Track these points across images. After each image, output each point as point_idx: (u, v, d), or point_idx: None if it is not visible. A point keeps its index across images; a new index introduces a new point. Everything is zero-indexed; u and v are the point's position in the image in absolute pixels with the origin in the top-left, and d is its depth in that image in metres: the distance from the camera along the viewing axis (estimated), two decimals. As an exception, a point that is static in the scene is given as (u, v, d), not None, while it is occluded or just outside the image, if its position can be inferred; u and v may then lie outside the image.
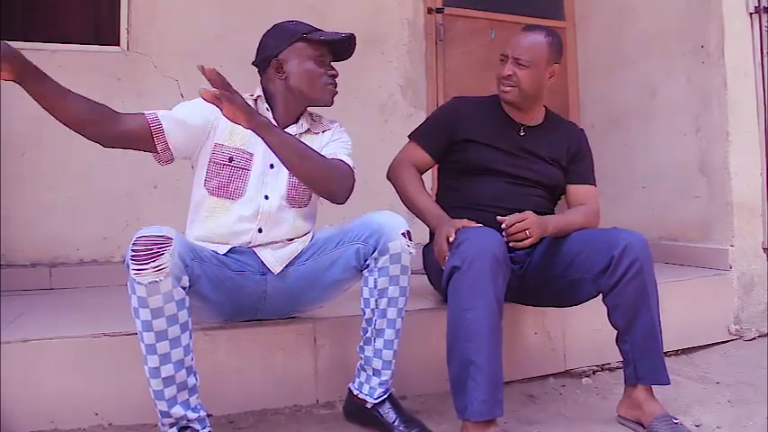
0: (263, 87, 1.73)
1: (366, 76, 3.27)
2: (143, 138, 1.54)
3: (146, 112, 1.56)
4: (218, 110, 1.44)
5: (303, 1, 3.04)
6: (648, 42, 3.06)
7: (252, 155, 1.66)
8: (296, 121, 1.73)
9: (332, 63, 1.73)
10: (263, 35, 1.73)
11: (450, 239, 1.63)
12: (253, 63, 1.75)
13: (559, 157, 1.99)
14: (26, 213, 2.71)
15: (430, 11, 3.45)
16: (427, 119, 2.11)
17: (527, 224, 1.70)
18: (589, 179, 2.03)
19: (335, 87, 1.73)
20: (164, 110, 1.59)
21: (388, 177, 2.00)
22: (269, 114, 1.69)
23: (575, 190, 2.01)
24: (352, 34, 1.71)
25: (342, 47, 1.73)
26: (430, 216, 1.84)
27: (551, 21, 3.68)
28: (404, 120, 3.31)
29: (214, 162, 1.64)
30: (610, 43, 3.40)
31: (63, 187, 2.76)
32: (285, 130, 1.68)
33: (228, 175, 1.64)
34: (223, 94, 1.37)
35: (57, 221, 2.75)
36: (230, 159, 1.64)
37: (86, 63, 2.83)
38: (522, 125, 1.99)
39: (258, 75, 1.75)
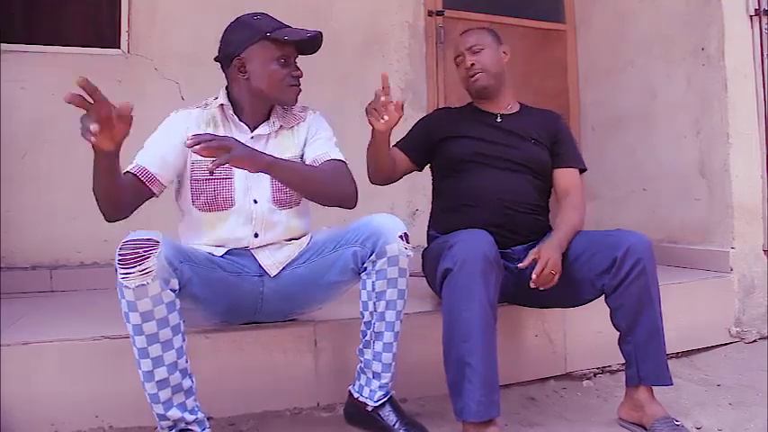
0: (227, 85, 1.70)
1: (366, 78, 3.26)
2: (140, 194, 1.56)
3: (130, 167, 1.55)
4: (188, 128, 1.58)
5: (303, 3, 3.05)
6: (649, 45, 3.06)
7: None
8: (267, 118, 1.71)
9: (309, 55, 1.70)
10: (226, 29, 1.67)
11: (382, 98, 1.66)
12: (215, 59, 1.70)
13: (542, 138, 2.01)
14: (27, 216, 2.71)
15: (430, 13, 3.45)
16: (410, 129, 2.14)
17: (551, 266, 1.67)
18: (573, 161, 2.04)
19: (299, 86, 1.68)
20: (141, 152, 1.59)
21: (370, 178, 1.97)
22: (234, 119, 1.68)
23: (560, 174, 2.02)
24: (318, 33, 1.65)
25: (307, 43, 1.67)
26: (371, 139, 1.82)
27: (551, 23, 3.69)
28: (404, 122, 3.27)
29: (195, 179, 1.64)
30: (610, 46, 3.40)
31: (63, 189, 2.76)
32: (256, 129, 1.68)
33: (214, 189, 1.64)
34: (227, 151, 1.39)
35: (57, 224, 2.76)
36: (211, 173, 1.62)
37: (87, 65, 2.83)
38: (498, 113, 2.04)
39: (222, 71, 1.71)
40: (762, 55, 2.65)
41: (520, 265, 1.72)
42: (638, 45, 3.14)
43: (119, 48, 2.91)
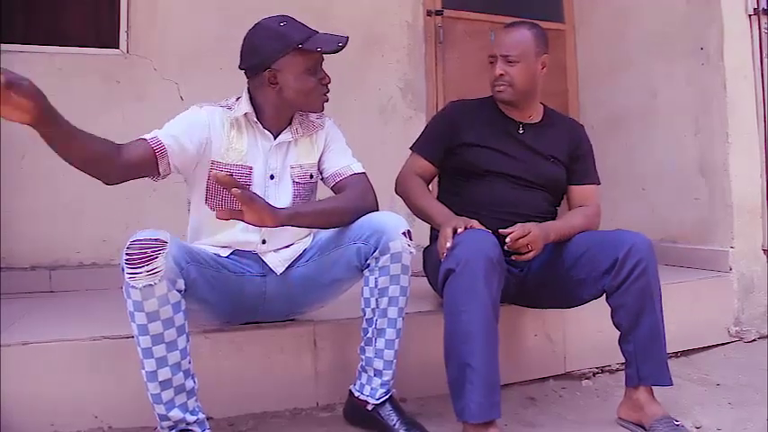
0: (249, 92, 1.66)
1: (366, 78, 3.27)
2: (147, 163, 1.49)
3: (145, 136, 1.51)
4: (211, 132, 1.56)
5: (303, 3, 3.04)
6: (648, 44, 3.06)
7: (251, 168, 1.63)
8: (289, 124, 1.70)
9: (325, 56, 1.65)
10: (250, 36, 1.62)
11: (460, 230, 1.60)
12: (240, 67, 1.65)
13: (561, 155, 1.98)
14: (26, 216, 2.71)
15: (429, 13, 3.45)
16: (425, 128, 2.09)
17: (530, 239, 1.68)
18: (591, 178, 2.02)
19: (328, 93, 1.68)
20: (158, 130, 1.54)
21: (396, 192, 1.99)
22: (258, 126, 1.64)
23: (576, 190, 2.00)
24: (346, 39, 1.62)
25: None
26: (438, 215, 1.81)
27: (551, 23, 3.68)
28: (403, 122, 3.31)
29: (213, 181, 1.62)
30: (609, 45, 3.40)
31: (63, 190, 2.76)
32: (279, 135, 1.67)
33: (232, 195, 1.62)
34: (244, 198, 1.38)
35: (57, 224, 2.75)
36: (230, 176, 1.61)
37: (86, 65, 2.83)
38: (521, 123, 1.98)
39: (246, 77, 1.66)
40: (761, 54, 2.65)
41: (501, 231, 1.68)
42: (638, 45, 3.14)
43: (118, 47, 2.90)
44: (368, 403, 1.64)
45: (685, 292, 2.44)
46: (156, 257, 1.31)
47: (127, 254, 1.32)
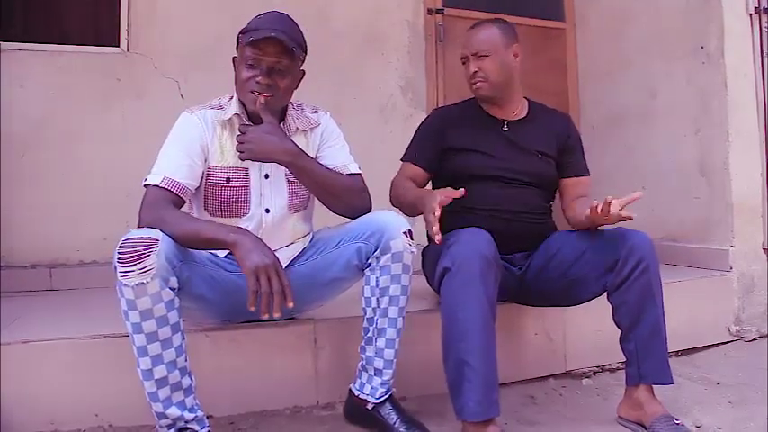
0: None
1: (366, 76, 3.27)
2: (175, 206, 1.51)
3: (158, 180, 1.50)
4: (206, 138, 1.58)
5: (303, 2, 3.04)
6: (648, 43, 3.06)
7: (247, 169, 1.63)
8: (282, 121, 1.66)
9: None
10: None
11: (436, 214, 1.57)
12: None
13: (549, 149, 1.96)
14: (26, 214, 2.71)
15: (430, 12, 3.45)
16: (412, 138, 2.06)
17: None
18: (583, 170, 2.01)
19: (264, 95, 1.55)
20: (164, 161, 1.54)
21: (393, 205, 1.95)
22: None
23: (570, 183, 1.99)
24: (271, 36, 1.51)
25: (280, 47, 1.54)
26: (417, 200, 1.76)
27: (551, 21, 3.69)
28: (404, 121, 3.31)
29: (210, 185, 1.61)
30: (609, 44, 3.40)
31: (63, 188, 2.76)
32: None
33: (230, 197, 1.62)
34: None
35: (57, 222, 2.75)
36: (228, 180, 1.61)
37: (86, 64, 2.83)
38: (505, 121, 1.97)
39: None
40: (761, 53, 2.66)
41: (595, 204, 1.64)
42: (638, 43, 3.14)
43: (118, 46, 2.90)
44: (368, 402, 1.64)
45: (686, 291, 2.44)
46: (149, 255, 1.32)
47: (119, 252, 1.32)
